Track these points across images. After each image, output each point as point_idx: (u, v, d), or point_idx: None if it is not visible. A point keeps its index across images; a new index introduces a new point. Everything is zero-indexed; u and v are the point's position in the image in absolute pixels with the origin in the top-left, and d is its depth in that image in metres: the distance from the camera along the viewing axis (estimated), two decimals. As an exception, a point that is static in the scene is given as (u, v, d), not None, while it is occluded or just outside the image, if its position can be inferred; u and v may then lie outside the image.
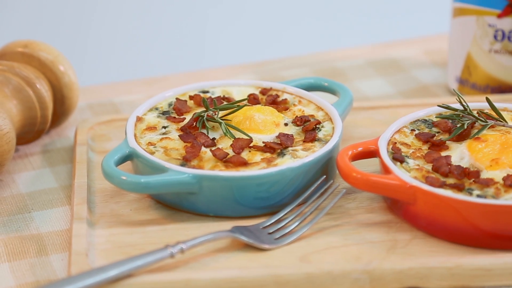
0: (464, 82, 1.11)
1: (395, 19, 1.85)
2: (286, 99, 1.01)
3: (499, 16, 1.05)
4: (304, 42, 1.79)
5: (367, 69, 1.20)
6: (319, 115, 0.98)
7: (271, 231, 0.88)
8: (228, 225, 0.88)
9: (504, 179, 0.86)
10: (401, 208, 0.89)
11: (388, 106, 1.08)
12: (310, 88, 1.05)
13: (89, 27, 1.83)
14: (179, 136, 0.95)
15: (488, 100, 0.93)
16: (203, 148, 0.93)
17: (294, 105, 1.00)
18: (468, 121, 0.92)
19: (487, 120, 0.93)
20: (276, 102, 1.01)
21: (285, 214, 0.89)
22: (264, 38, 1.85)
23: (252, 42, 1.84)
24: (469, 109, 0.93)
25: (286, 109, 1.00)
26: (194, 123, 0.96)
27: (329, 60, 1.23)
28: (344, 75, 1.19)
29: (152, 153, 0.93)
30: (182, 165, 0.91)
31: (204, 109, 0.97)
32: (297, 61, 1.23)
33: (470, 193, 0.85)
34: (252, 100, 1.01)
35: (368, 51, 1.24)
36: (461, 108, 0.94)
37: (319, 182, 0.91)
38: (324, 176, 0.92)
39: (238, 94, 1.03)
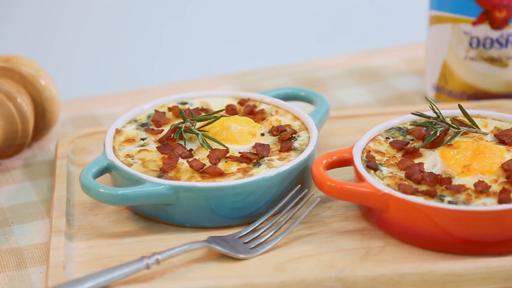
0: (441, 89, 1.12)
1: (374, 28, 1.86)
2: (263, 109, 1.02)
3: (474, 23, 1.06)
4: (285, 52, 1.80)
5: (346, 78, 1.22)
6: (296, 125, 1.00)
7: (246, 240, 0.89)
8: (204, 235, 0.89)
9: (475, 185, 0.87)
10: (374, 216, 0.90)
11: (365, 114, 1.09)
12: (288, 98, 1.06)
13: (70, 41, 1.85)
14: (156, 147, 0.96)
15: (460, 107, 0.94)
16: (180, 159, 0.94)
17: (271, 115, 1.02)
18: (441, 128, 0.93)
19: (460, 127, 0.94)
20: (253, 112, 1.02)
21: (261, 223, 0.90)
22: (245, 48, 1.87)
23: (233, 53, 1.86)
24: (442, 116, 0.94)
25: (263, 119, 1.01)
26: (172, 135, 0.97)
27: (309, 69, 1.24)
28: (323, 85, 1.21)
29: (130, 165, 0.94)
30: (159, 176, 0.92)
31: (182, 120, 0.98)
32: (278, 71, 1.25)
33: (441, 199, 0.86)
34: (230, 110, 1.02)
35: (348, 61, 1.26)
36: (435, 115, 0.95)
37: (294, 191, 0.92)
38: (299, 185, 0.93)
39: (216, 105, 1.04)
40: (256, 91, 1.09)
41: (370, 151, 0.93)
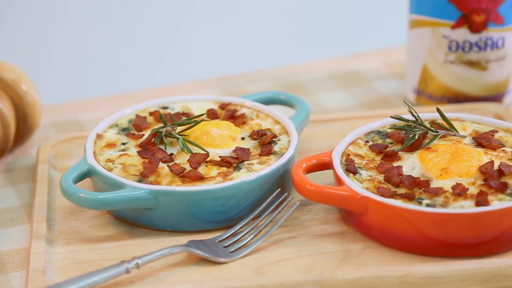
0: (421, 93, 1.12)
1: (357, 32, 1.87)
2: (244, 114, 1.03)
3: (453, 27, 1.07)
4: (267, 56, 1.81)
5: (328, 82, 1.22)
6: (276, 129, 1.00)
7: (226, 244, 0.89)
8: (185, 239, 0.90)
9: (453, 188, 0.87)
10: (354, 219, 0.90)
11: (347, 118, 1.09)
12: (269, 102, 1.06)
13: (52, 46, 1.85)
14: (137, 152, 0.96)
15: (438, 110, 0.95)
16: (160, 164, 0.94)
17: (252, 119, 1.02)
18: (419, 132, 0.94)
19: (438, 130, 0.94)
20: (234, 116, 1.02)
21: (241, 227, 0.91)
22: (228, 53, 1.87)
23: (216, 57, 1.86)
24: (420, 120, 0.94)
25: (244, 123, 1.01)
26: (152, 139, 0.97)
27: (292, 73, 1.25)
28: (306, 88, 1.21)
29: (110, 169, 0.94)
30: (140, 181, 0.92)
31: (163, 125, 0.98)
32: (260, 75, 1.25)
33: (420, 202, 0.87)
34: (211, 115, 1.03)
35: (330, 64, 1.26)
36: (414, 119, 0.96)
37: (274, 195, 0.92)
38: (279, 189, 0.93)
39: (198, 109, 1.04)
40: (238, 95, 1.10)
41: (349, 154, 0.94)
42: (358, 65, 1.25)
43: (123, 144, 0.98)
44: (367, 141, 0.96)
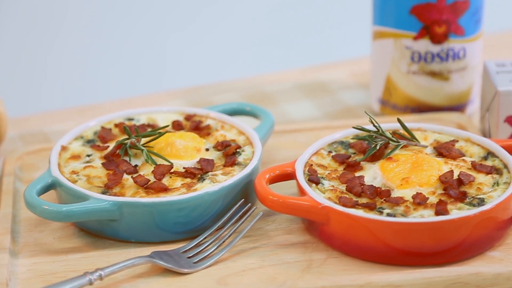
0: (386, 103, 1.14)
1: (324, 42, 1.89)
2: (209, 125, 1.03)
3: (415, 38, 1.08)
4: (235, 67, 1.82)
5: (295, 93, 1.23)
6: (241, 140, 1.01)
7: (190, 255, 0.89)
8: (149, 250, 0.90)
9: (413, 197, 0.88)
10: (317, 229, 0.91)
11: (312, 128, 1.10)
12: (234, 113, 1.07)
13: (18, 58, 1.84)
14: (102, 164, 0.96)
15: (399, 121, 0.96)
16: (125, 175, 0.95)
17: (217, 130, 1.03)
18: (381, 142, 0.95)
19: (399, 140, 0.95)
20: (199, 127, 1.03)
21: (205, 238, 0.91)
22: (195, 63, 1.88)
23: (183, 68, 1.87)
24: (382, 130, 0.96)
25: (209, 134, 1.02)
26: (117, 151, 0.98)
27: (259, 84, 1.25)
28: (272, 99, 1.22)
29: (74, 181, 0.95)
30: (104, 192, 0.93)
31: (127, 136, 0.99)
32: (228, 86, 1.26)
33: (380, 212, 0.88)
34: (176, 126, 1.03)
35: (297, 75, 1.27)
36: (375, 129, 0.97)
37: (237, 205, 0.93)
38: (243, 200, 0.94)
39: (163, 121, 1.05)
40: (205, 106, 1.10)
41: (312, 165, 0.95)
42: (324, 75, 1.27)
43: (88, 156, 0.99)
44: (330, 152, 0.97)
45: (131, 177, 0.94)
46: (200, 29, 1.96)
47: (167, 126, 1.01)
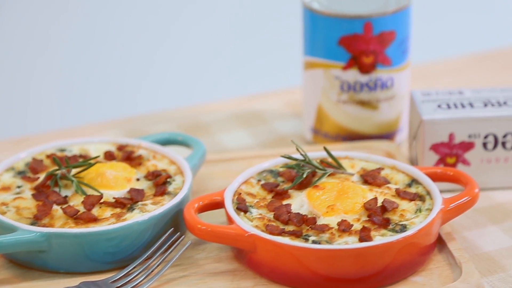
0: (317, 131, 1.16)
1: (260, 72, 1.91)
2: (141, 155, 1.04)
3: (344, 68, 1.11)
4: (170, 97, 1.83)
5: (230, 122, 1.25)
6: (172, 169, 1.02)
7: (119, 285, 0.90)
8: (78, 280, 0.90)
9: (338, 224, 0.90)
10: (245, 257, 0.92)
11: (244, 157, 1.12)
12: (166, 142, 1.08)
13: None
14: (32, 195, 0.97)
15: (326, 149, 0.98)
16: (54, 206, 0.95)
17: (149, 160, 1.03)
18: (308, 170, 0.97)
19: (326, 169, 0.97)
20: (130, 158, 1.04)
21: (134, 267, 0.92)
22: (130, 93, 1.89)
23: (119, 98, 1.87)
24: (308, 159, 0.97)
25: (140, 164, 1.03)
26: (47, 182, 0.98)
27: (194, 114, 1.27)
28: (208, 129, 1.23)
29: (4, 213, 0.95)
30: (33, 223, 0.93)
31: (58, 167, 0.99)
32: (164, 116, 1.27)
33: (306, 239, 0.89)
34: (108, 156, 1.04)
35: (232, 104, 1.29)
36: (302, 158, 0.98)
37: (167, 234, 0.94)
38: (172, 229, 0.95)
39: (95, 151, 1.05)
40: (141, 136, 1.11)
41: (241, 193, 0.96)
42: (259, 105, 1.28)
43: (18, 187, 0.99)
44: (259, 180, 0.99)
45: (61, 207, 0.94)
46: (139, 59, 1.97)
47: (98, 156, 1.01)
